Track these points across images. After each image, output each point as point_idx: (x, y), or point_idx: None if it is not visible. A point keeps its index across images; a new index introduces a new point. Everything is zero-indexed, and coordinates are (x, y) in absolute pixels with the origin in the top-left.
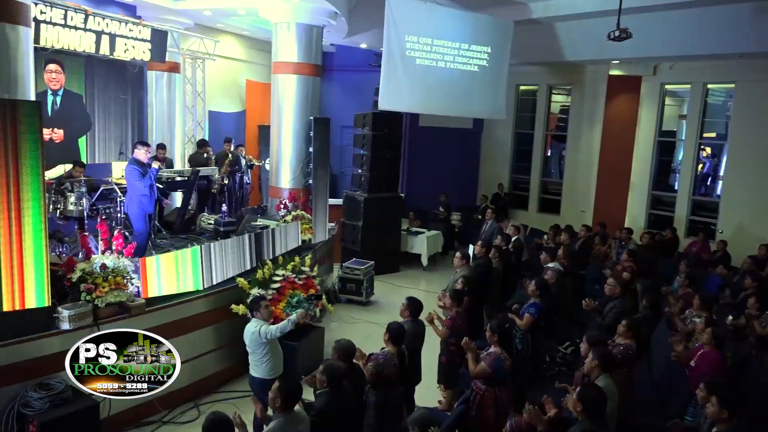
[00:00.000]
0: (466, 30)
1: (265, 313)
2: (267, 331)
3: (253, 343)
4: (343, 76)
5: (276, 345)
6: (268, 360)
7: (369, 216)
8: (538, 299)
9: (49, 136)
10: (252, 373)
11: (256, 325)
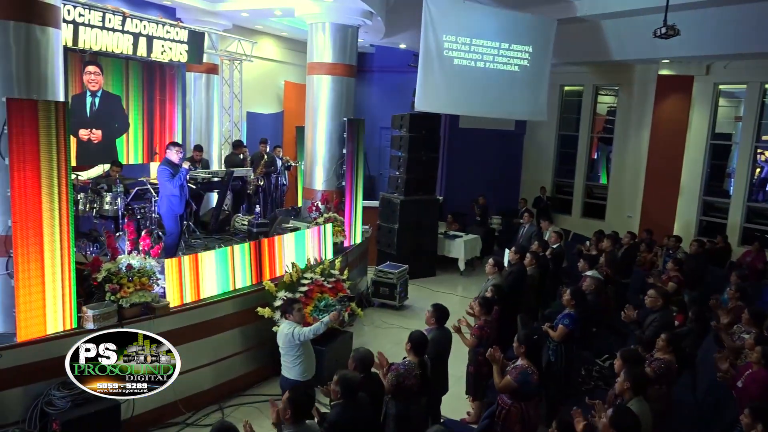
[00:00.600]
0: (507, 29)
1: (298, 315)
2: (300, 333)
3: (285, 345)
4: (383, 77)
5: (308, 347)
6: (301, 362)
7: (405, 219)
8: (573, 309)
9: (87, 137)
10: (284, 374)
11: (289, 327)
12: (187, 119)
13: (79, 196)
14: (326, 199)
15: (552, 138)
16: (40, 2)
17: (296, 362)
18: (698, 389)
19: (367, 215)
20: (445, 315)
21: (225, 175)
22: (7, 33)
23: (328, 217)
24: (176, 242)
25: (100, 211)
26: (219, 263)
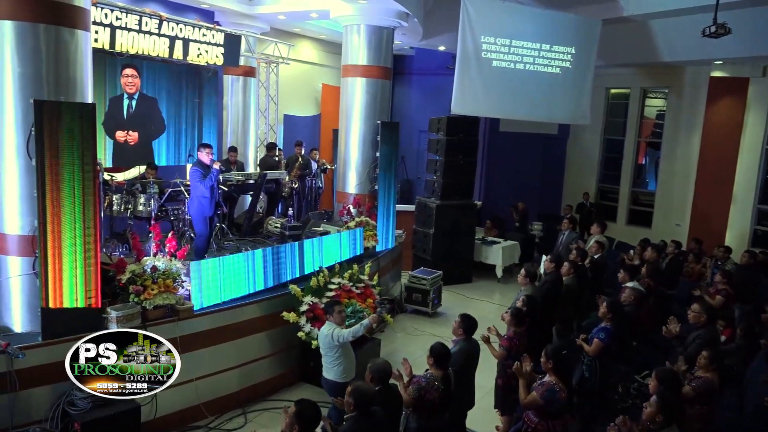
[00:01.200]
0: (548, 30)
1: (338, 317)
2: (339, 335)
3: (325, 346)
4: (422, 80)
5: (348, 349)
6: (340, 363)
7: (441, 224)
8: (609, 323)
9: (124, 139)
10: (325, 375)
11: (329, 328)
12: (223, 122)
13: (115, 197)
14: (358, 203)
15: (597, 142)
16: (68, 5)
17: (336, 363)
18: (745, 410)
19: (403, 219)
20: (473, 326)
21: (258, 177)
22: (36, 35)
23: (360, 221)
24: (205, 244)
25: (134, 212)
26: (246, 266)
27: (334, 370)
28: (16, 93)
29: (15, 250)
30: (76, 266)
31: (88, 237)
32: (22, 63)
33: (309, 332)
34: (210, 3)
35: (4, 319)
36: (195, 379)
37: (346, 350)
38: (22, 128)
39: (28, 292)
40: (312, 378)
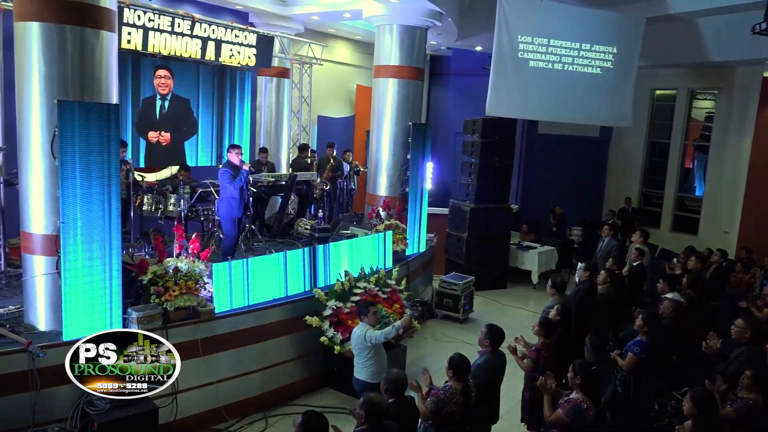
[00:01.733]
0: (588, 29)
1: (373, 318)
2: (372, 336)
3: (358, 346)
4: (459, 81)
5: (380, 350)
6: (372, 364)
7: (475, 227)
8: (645, 336)
9: (156, 139)
10: (356, 375)
11: (362, 329)
12: (256, 123)
13: (146, 197)
14: (388, 206)
15: (641, 145)
16: (94, 6)
17: (367, 363)
18: None
19: (437, 223)
20: (500, 336)
21: (288, 178)
22: (62, 37)
23: (389, 224)
24: (233, 245)
25: (164, 212)
26: (270, 269)
27: (366, 371)
28: (42, 93)
29: (39, 249)
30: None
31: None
32: (48, 64)
33: (332, 337)
34: (244, 4)
35: (29, 317)
36: (216, 381)
37: (378, 351)
38: (47, 128)
39: (52, 291)
40: (336, 383)
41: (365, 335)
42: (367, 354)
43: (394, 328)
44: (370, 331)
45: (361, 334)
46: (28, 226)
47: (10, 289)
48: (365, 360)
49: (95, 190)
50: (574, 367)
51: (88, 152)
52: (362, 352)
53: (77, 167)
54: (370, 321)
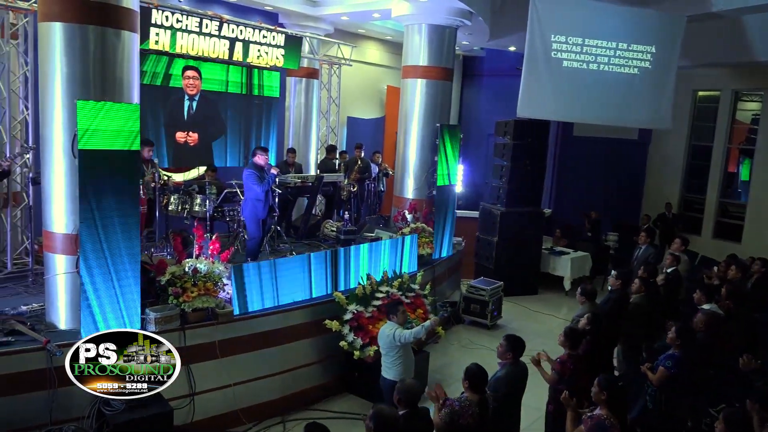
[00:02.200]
0: (626, 27)
1: (402, 317)
2: (401, 335)
3: (386, 345)
4: (493, 82)
5: (408, 349)
6: (400, 363)
7: (505, 231)
8: (677, 350)
9: (184, 139)
10: (384, 375)
11: (391, 328)
12: (285, 123)
13: (172, 197)
14: (414, 208)
15: (682, 148)
16: (115, 6)
17: (395, 363)
18: None
19: (467, 226)
20: (521, 347)
21: (315, 180)
22: (83, 37)
23: (415, 227)
24: (257, 246)
25: (190, 212)
26: (290, 271)
27: (394, 370)
28: (64, 93)
29: (60, 248)
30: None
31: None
32: (70, 64)
33: (352, 342)
34: (274, 5)
35: (50, 316)
36: (233, 384)
37: (406, 351)
38: (69, 128)
39: (72, 289)
40: (357, 389)
41: (394, 334)
42: (395, 353)
43: (424, 328)
44: (399, 330)
45: (389, 334)
46: (50, 225)
47: (37, 286)
48: (393, 359)
49: (114, 190)
50: (599, 382)
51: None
52: (390, 352)
53: (96, 167)
54: (398, 320)
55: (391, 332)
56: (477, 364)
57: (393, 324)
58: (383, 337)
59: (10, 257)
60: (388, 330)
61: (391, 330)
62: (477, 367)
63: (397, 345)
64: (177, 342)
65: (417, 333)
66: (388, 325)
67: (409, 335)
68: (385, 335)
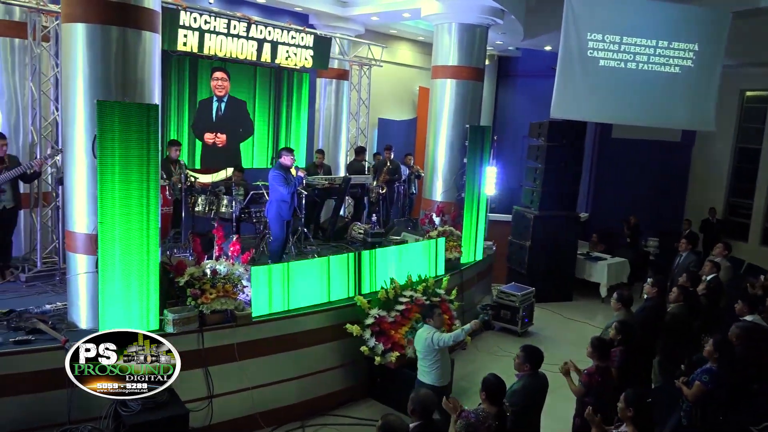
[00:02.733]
0: (666, 24)
1: (438, 320)
2: (439, 339)
3: (424, 349)
4: (529, 82)
5: (446, 354)
6: (438, 367)
7: (539, 236)
8: (715, 364)
9: (212, 141)
10: (421, 379)
11: (428, 331)
12: (315, 125)
13: (200, 198)
14: (441, 211)
15: (727, 151)
16: (136, 6)
17: (433, 367)
18: None
19: (500, 230)
20: (539, 358)
21: (342, 181)
22: (104, 37)
23: (443, 230)
24: (281, 248)
25: (217, 213)
26: (312, 273)
27: (432, 374)
28: (86, 94)
29: (82, 248)
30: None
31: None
32: (91, 64)
33: (373, 347)
34: (303, 6)
35: (71, 315)
36: (251, 387)
37: (443, 355)
38: (90, 129)
39: (92, 289)
40: (380, 395)
41: (432, 338)
42: (433, 357)
43: (464, 331)
44: (436, 333)
45: (427, 337)
46: (71, 224)
47: (63, 285)
48: (431, 363)
49: (134, 190)
50: (626, 397)
51: (126, 152)
52: (428, 356)
53: (116, 167)
54: (435, 323)
55: (429, 336)
56: (495, 375)
57: (430, 327)
58: (420, 341)
59: (39, 256)
60: (426, 334)
61: (429, 333)
62: (495, 378)
63: (435, 349)
64: (195, 344)
65: (457, 336)
66: (425, 328)
67: (449, 338)
68: (422, 339)
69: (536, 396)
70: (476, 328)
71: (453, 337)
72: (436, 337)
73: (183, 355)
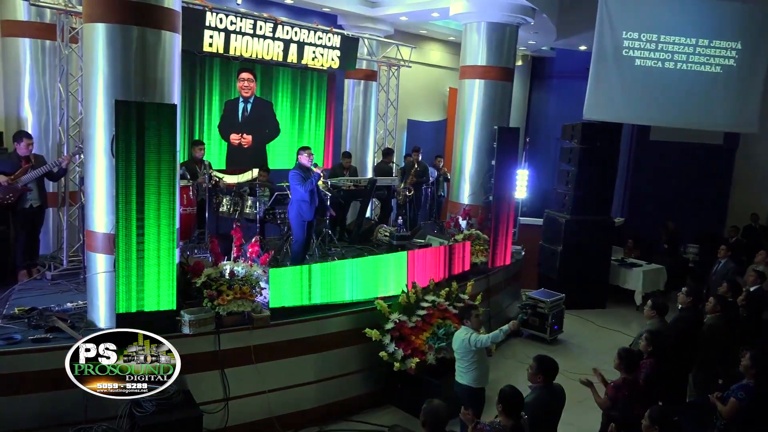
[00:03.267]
0: (707, 22)
1: (476, 321)
2: (477, 340)
3: (461, 350)
4: (563, 83)
5: (483, 355)
6: (476, 368)
7: (571, 241)
8: (752, 379)
9: (238, 141)
10: (458, 380)
11: (466, 332)
12: (343, 126)
13: (225, 198)
14: (468, 214)
15: None
16: (155, 6)
17: (470, 368)
18: None
19: (532, 234)
20: (553, 369)
21: (368, 183)
22: (124, 37)
23: (469, 234)
24: (302, 249)
25: (241, 213)
26: (333, 276)
27: (469, 375)
28: (105, 94)
29: (101, 248)
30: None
31: (165, 238)
32: (111, 64)
33: (392, 353)
34: (332, 6)
35: (91, 314)
36: (268, 391)
37: (481, 356)
38: (109, 128)
39: (110, 289)
40: (401, 401)
41: (470, 339)
42: (471, 358)
43: (502, 332)
44: (474, 335)
45: (465, 338)
46: (91, 224)
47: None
48: (468, 364)
49: (151, 190)
50: (651, 415)
51: (144, 152)
52: (466, 356)
53: (133, 167)
54: (473, 324)
55: (467, 337)
56: (512, 387)
57: (467, 328)
58: (457, 342)
59: (66, 254)
60: (463, 335)
61: (466, 335)
62: (511, 390)
63: (472, 350)
64: (211, 346)
65: (495, 337)
66: (463, 329)
67: (486, 339)
68: (460, 339)
69: (549, 410)
70: (515, 328)
71: (491, 338)
72: (474, 338)
73: (199, 356)
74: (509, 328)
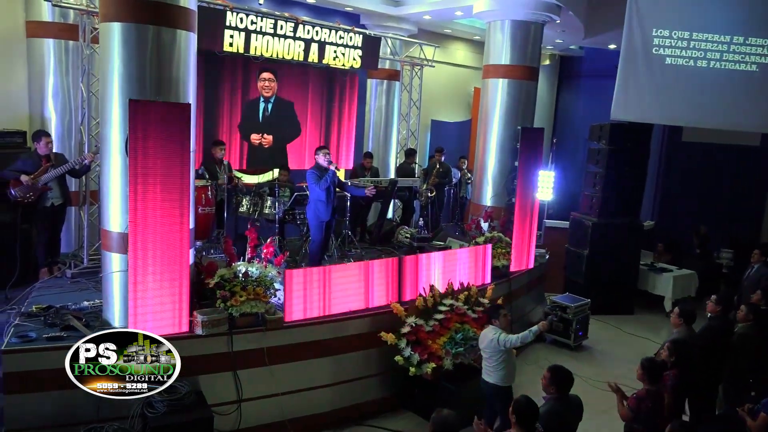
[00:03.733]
0: (742, 18)
1: (504, 321)
2: (506, 340)
3: (489, 349)
4: (592, 83)
5: (511, 354)
6: (504, 368)
7: (597, 244)
8: None
9: (258, 141)
10: (486, 378)
11: (494, 332)
12: (365, 126)
13: (244, 199)
14: (490, 216)
15: None
16: (170, 5)
17: (498, 367)
18: None
19: (558, 237)
20: (568, 380)
21: (388, 184)
22: (139, 36)
23: (491, 236)
24: (319, 250)
25: (261, 214)
26: (349, 278)
27: (497, 374)
28: (120, 93)
29: (116, 247)
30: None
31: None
32: (126, 63)
33: (408, 357)
34: (354, 6)
35: (106, 313)
36: (281, 393)
37: (509, 355)
38: (124, 128)
39: (125, 288)
40: (417, 407)
41: (498, 339)
42: (498, 357)
43: (532, 333)
44: (503, 335)
45: (493, 338)
46: (106, 223)
47: None
48: (496, 363)
49: (165, 190)
50: (672, 429)
51: (158, 152)
52: (494, 356)
53: (147, 166)
54: (501, 324)
55: (495, 336)
56: (526, 397)
57: (495, 328)
58: (485, 341)
59: (86, 253)
60: (492, 334)
61: (495, 334)
62: (526, 400)
63: (501, 350)
64: (224, 347)
65: (525, 337)
66: (491, 329)
67: (516, 339)
68: (488, 339)
69: (563, 421)
70: (544, 329)
71: (521, 339)
72: (503, 338)
73: (212, 357)
74: (539, 329)
